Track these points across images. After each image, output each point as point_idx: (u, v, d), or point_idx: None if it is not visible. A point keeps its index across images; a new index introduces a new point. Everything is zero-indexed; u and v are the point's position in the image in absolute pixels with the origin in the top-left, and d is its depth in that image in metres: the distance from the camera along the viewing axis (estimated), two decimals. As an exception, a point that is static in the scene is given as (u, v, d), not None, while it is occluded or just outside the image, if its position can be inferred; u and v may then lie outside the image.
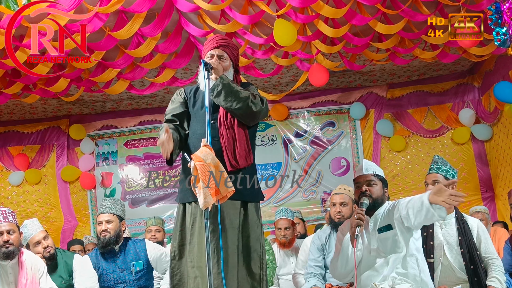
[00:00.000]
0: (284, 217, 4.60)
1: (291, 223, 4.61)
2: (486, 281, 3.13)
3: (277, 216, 4.68)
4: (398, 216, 2.76)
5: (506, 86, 5.77)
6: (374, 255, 2.84)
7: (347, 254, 2.85)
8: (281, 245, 4.55)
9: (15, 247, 3.22)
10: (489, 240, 3.28)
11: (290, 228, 4.57)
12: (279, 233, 4.56)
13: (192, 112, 2.80)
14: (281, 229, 4.55)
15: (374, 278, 2.81)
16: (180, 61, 5.25)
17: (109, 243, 3.69)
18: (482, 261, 3.21)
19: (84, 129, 7.61)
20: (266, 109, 2.75)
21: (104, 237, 3.68)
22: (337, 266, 2.93)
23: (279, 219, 4.62)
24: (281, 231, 4.54)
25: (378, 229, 2.85)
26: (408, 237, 2.81)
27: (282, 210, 4.71)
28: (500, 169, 6.52)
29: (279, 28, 4.57)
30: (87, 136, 7.63)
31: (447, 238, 3.23)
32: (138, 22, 4.49)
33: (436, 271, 3.19)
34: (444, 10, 4.75)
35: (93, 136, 7.67)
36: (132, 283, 3.70)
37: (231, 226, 2.57)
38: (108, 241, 3.68)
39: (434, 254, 3.22)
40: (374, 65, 6.43)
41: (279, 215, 4.66)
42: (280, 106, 7.37)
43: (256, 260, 2.66)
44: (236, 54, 2.84)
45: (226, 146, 2.62)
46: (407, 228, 2.78)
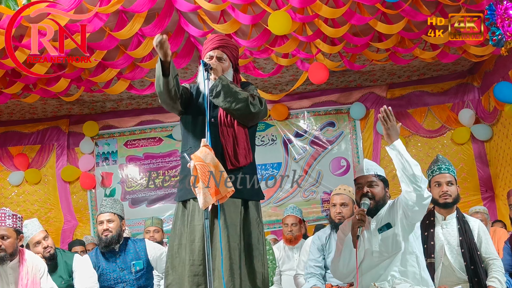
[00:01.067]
0: (292, 214, 4.75)
1: (299, 220, 4.74)
2: (486, 281, 3.13)
3: (285, 213, 4.85)
4: (402, 212, 2.77)
5: (506, 86, 5.77)
6: (377, 257, 2.84)
7: (348, 254, 2.85)
8: (287, 241, 4.68)
9: (6, 253, 3.15)
10: (489, 240, 3.28)
11: (297, 225, 4.70)
12: (286, 229, 4.71)
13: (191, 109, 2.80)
14: (288, 225, 4.70)
15: (375, 277, 2.82)
16: (180, 61, 5.25)
17: (111, 242, 3.69)
18: (482, 261, 3.21)
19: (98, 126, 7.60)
20: (265, 110, 2.75)
21: (106, 236, 3.68)
22: (339, 266, 2.92)
23: (287, 215, 4.78)
24: (288, 227, 4.68)
25: (378, 229, 2.85)
26: (408, 233, 2.81)
27: (291, 207, 4.87)
28: (500, 169, 6.52)
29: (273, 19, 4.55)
30: (87, 136, 7.63)
31: (448, 238, 3.23)
32: (139, 22, 4.50)
33: (436, 271, 3.19)
34: (444, 10, 4.75)
35: (93, 136, 7.67)
36: (132, 282, 3.70)
37: (232, 224, 2.57)
38: (110, 240, 3.68)
39: (434, 254, 3.22)
40: (374, 65, 6.43)
41: (287, 212, 4.83)
42: (280, 106, 7.37)
43: (259, 258, 2.65)
44: (235, 54, 2.85)
45: (226, 145, 2.63)
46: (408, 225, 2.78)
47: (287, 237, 4.66)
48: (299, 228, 4.71)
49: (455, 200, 3.27)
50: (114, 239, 3.69)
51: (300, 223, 4.75)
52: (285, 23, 4.57)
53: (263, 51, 5.22)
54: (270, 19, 4.54)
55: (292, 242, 4.65)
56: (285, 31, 4.70)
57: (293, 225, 4.67)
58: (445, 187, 3.24)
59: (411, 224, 2.81)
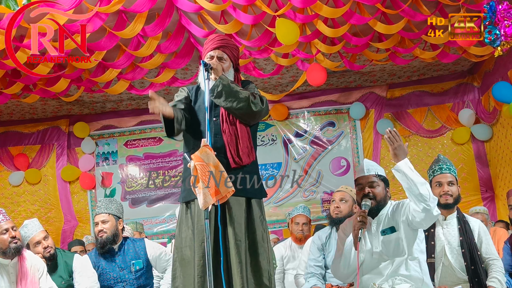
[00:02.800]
0: (303, 213, 4.74)
1: (308, 220, 4.75)
2: (486, 281, 3.13)
3: (295, 212, 4.81)
4: (405, 219, 2.76)
5: (505, 86, 5.77)
6: (377, 258, 2.84)
7: (349, 255, 2.84)
8: (297, 240, 4.64)
9: (21, 242, 3.30)
10: (490, 240, 3.28)
11: (307, 225, 4.70)
12: (296, 228, 4.67)
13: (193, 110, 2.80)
14: (299, 224, 4.67)
15: (376, 280, 2.81)
16: (180, 61, 5.25)
17: (106, 243, 3.69)
18: (482, 261, 3.21)
19: (88, 127, 7.60)
20: (266, 108, 2.76)
21: (101, 237, 3.69)
22: (339, 267, 2.92)
23: (298, 214, 4.75)
24: (299, 226, 4.66)
25: (382, 231, 2.84)
26: (413, 239, 2.80)
27: (302, 207, 4.85)
28: (500, 169, 6.52)
29: (281, 27, 4.57)
30: (87, 136, 7.63)
31: (449, 238, 3.23)
32: (141, 22, 4.49)
33: (436, 271, 3.19)
34: (444, 10, 4.75)
35: (93, 136, 7.67)
36: (132, 282, 3.70)
37: (236, 222, 2.58)
38: (105, 241, 3.68)
39: (435, 254, 3.22)
40: (374, 65, 6.43)
41: (298, 211, 4.79)
42: (280, 106, 7.37)
43: (264, 256, 2.66)
44: (236, 54, 2.85)
45: (229, 143, 2.64)
46: (412, 230, 2.77)
47: (298, 236, 4.62)
48: (309, 228, 4.73)
49: (456, 200, 3.27)
50: (109, 239, 3.69)
51: (309, 223, 4.77)
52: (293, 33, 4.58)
53: (263, 51, 5.22)
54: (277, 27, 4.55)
55: (302, 241, 4.63)
56: (292, 40, 4.70)
57: (304, 225, 4.65)
58: (446, 187, 3.25)
59: (415, 230, 2.81)
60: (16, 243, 3.25)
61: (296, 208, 4.86)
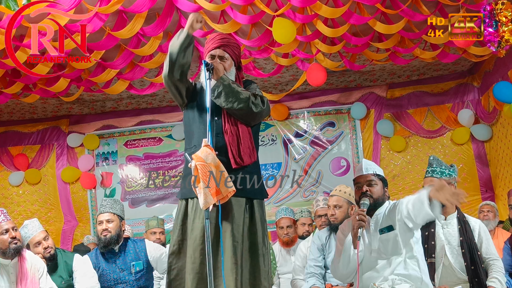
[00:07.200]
0: (285, 216, 4.66)
1: (293, 221, 4.67)
2: (486, 281, 3.14)
3: (278, 216, 4.73)
4: (400, 217, 2.76)
5: (505, 86, 5.77)
6: (375, 256, 2.84)
7: (348, 255, 2.85)
8: (284, 244, 4.59)
9: (21, 243, 3.30)
10: (490, 240, 3.28)
11: (291, 227, 4.63)
12: (281, 232, 4.61)
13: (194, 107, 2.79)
14: (284, 227, 4.60)
15: (375, 279, 2.82)
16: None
17: (110, 243, 3.70)
18: (482, 261, 3.21)
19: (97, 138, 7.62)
20: (267, 109, 2.75)
21: (105, 236, 3.69)
22: (339, 267, 2.93)
23: (281, 218, 4.67)
24: (284, 230, 4.59)
25: (380, 230, 2.85)
26: (409, 237, 2.81)
27: (283, 209, 4.77)
28: (500, 169, 6.52)
29: (278, 26, 4.57)
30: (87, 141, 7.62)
31: (449, 238, 3.23)
32: (140, 22, 4.49)
33: (436, 271, 3.19)
34: (444, 10, 4.75)
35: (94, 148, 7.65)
36: (132, 283, 3.70)
37: (235, 223, 2.58)
38: (109, 240, 3.68)
39: (435, 254, 3.22)
40: (374, 65, 6.43)
41: (280, 214, 4.72)
42: (280, 106, 7.37)
43: (264, 257, 2.66)
44: (237, 52, 2.85)
45: (231, 143, 2.63)
46: (408, 229, 2.78)
47: (284, 240, 4.58)
48: (294, 230, 4.64)
49: None
50: (113, 239, 3.70)
51: (294, 224, 4.68)
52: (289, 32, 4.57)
53: (263, 51, 5.22)
54: (274, 26, 4.54)
55: (289, 244, 4.59)
56: (289, 40, 4.69)
57: (288, 227, 4.59)
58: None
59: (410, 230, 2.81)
60: (16, 243, 3.26)
61: (279, 212, 4.78)
